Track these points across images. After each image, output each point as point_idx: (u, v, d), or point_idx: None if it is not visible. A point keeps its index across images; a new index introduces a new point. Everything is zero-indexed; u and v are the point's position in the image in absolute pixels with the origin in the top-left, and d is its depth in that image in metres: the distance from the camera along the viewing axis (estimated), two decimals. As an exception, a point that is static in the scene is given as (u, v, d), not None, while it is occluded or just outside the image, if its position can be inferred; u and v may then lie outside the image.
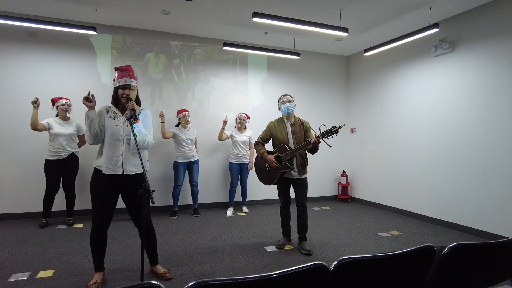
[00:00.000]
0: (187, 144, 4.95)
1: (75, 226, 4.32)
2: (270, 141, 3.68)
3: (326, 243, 3.83)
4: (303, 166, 3.47)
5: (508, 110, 3.87)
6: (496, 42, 4.02)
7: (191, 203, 5.24)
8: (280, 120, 3.60)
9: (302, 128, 3.49)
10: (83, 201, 4.76)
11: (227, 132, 5.26)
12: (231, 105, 5.77)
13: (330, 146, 3.48)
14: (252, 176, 5.51)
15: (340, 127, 3.11)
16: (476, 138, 4.21)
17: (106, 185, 2.50)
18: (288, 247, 3.64)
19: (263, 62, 6.03)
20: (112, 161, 2.48)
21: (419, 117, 5.03)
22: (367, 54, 5.36)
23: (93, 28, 4.35)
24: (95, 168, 2.54)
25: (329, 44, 5.94)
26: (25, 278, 2.71)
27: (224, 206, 5.62)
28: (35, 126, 4.03)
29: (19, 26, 4.50)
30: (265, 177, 3.60)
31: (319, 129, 3.23)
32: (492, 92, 4.04)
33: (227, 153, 5.55)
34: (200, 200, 5.29)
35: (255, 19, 3.92)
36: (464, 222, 4.34)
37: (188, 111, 5.07)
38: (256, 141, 3.65)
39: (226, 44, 5.03)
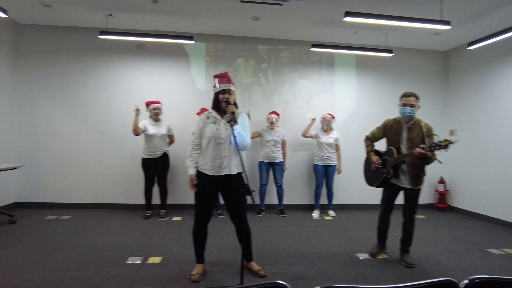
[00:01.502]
0: (270, 145, 5.05)
1: (174, 218, 4.74)
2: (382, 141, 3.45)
3: (424, 255, 3.52)
4: (416, 177, 3.12)
5: None
6: None
7: (277, 202, 5.32)
8: (397, 121, 3.22)
9: (419, 133, 3.05)
10: (175, 196, 5.22)
11: (312, 132, 5.23)
12: (317, 106, 5.70)
13: (441, 163, 2.96)
14: (338, 179, 5.38)
15: (451, 142, 2.65)
16: None
17: (208, 185, 2.68)
18: (382, 255, 3.45)
19: (351, 61, 5.83)
20: (216, 163, 2.65)
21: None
22: (471, 47, 4.79)
23: (191, 38, 4.72)
24: (198, 170, 2.74)
25: (425, 39, 5.46)
26: (139, 262, 3.07)
27: (309, 208, 5.57)
28: (137, 132, 4.54)
29: (130, 40, 5.11)
30: (370, 177, 3.43)
31: (428, 140, 2.92)
32: None
33: (312, 153, 5.50)
34: (284, 200, 5.34)
35: (347, 19, 3.81)
36: None
37: (276, 114, 5.17)
38: (366, 136, 3.44)
39: (314, 45, 4.99)
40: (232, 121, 2.54)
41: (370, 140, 3.40)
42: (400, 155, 3.09)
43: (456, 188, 5.79)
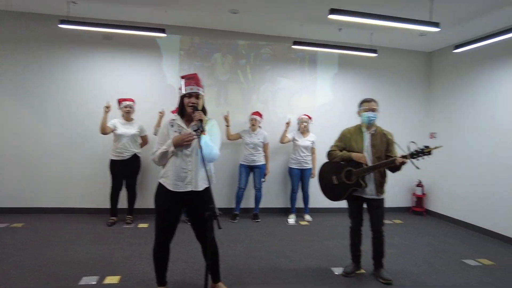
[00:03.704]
0: (249, 148, 4.81)
1: (140, 225, 4.43)
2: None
3: (401, 268, 3.38)
4: (381, 185, 3.04)
5: None
6: None
7: (253, 207, 5.09)
8: (357, 128, 3.13)
9: (384, 140, 3.04)
10: (144, 201, 4.87)
11: (289, 135, 5.01)
12: (297, 106, 5.47)
13: (418, 168, 2.92)
14: (313, 182, 5.19)
15: (435, 148, 2.66)
16: None
17: (171, 200, 2.38)
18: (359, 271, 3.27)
19: (333, 60, 5.61)
20: (180, 177, 2.35)
21: (522, 126, 4.22)
22: (457, 50, 4.65)
23: (162, 30, 4.36)
24: (160, 183, 2.44)
25: (410, 40, 5.29)
26: (94, 282, 2.76)
27: (284, 212, 5.37)
28: (104, 131, 4.20)
29: (96, 31, 4.64)
30: (331, 191, 3.21)
31: (408, 147, 2.78)
32: None
33: (288, 156, 5.28)
34: (260, 204, 5.12)
35: (332, 16, 3.56)
36: None
37: (258, 115, 4.91)
38: (331, 151, 3.18)
39: (296, 42, 4.73)
40: (199, 130, 2.25)
41: (337, 151, 3.15)
42: (374, 164, 2.91)
43: (434, 192, 5.74)
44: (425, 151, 2.64)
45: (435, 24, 3.71)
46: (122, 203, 4.53)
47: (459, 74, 5.30)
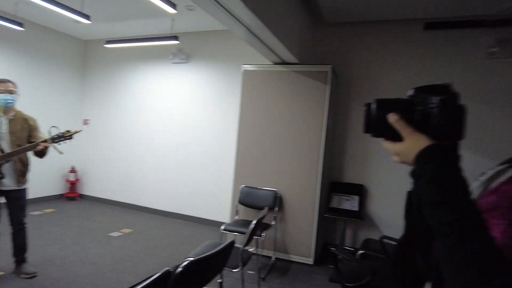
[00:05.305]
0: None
1: None
2: None
3: (51, 256, 3.36)
4: (23, 174, 2.85)
5: (226, 120, 4.79)
6: (216, 62, 4.91)
7: None
8: None
9: (25, 126, 2.85)
10: None
11: None
12: None
13: (61, 153, 2.93)
14: None
15: (76, 132, 2.79)
16: (200, 140, 4.99)
17: None
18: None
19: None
20: None
21: (155, 117, 5.36)
22: (108, 46, 5.10)
23: None
24: None
25: (65, 22, 5.13)
26: None
27: None
28: None
29: None
30: None
31: (49, 132, 2.76)
32: (213, 102, 4.92)
33: None
34: None
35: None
36: (186, 212, 5.07)
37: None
38: None
39: None
40: None
41: None
42: (12, 151, 2.67)
43: (87, 176, 6.02)
44: (66, 135, 2.72)
45: (86, 16, 3.86)
46: None
47: (110, 67, 5.81)
